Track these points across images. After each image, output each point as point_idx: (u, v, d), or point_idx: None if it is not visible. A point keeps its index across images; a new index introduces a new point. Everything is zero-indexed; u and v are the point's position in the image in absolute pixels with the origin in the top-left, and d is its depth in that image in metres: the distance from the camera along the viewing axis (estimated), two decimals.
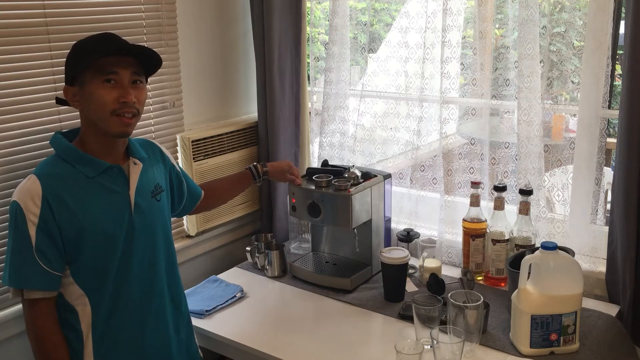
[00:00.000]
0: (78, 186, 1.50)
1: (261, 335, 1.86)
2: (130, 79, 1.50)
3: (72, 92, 1.52)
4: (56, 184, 1.47)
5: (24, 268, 1.46)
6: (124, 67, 1.49)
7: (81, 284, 1.52)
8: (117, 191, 1.55)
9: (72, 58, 1.53)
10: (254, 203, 2.60)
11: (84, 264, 1.51)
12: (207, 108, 2.44)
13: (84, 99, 1.50)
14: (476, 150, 2.21)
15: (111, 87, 1.48)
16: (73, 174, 1.50)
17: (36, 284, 1.47)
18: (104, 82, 1.47)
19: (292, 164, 2.11)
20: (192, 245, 2.38)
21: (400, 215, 2.39)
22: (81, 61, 1.48)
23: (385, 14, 2.49)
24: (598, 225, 2.05)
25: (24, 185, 1.47)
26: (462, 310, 1.67)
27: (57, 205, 1.46)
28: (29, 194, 1.44)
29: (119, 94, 1.48)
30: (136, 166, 1.60)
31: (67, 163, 1.51)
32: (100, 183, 1.53)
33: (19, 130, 1.80)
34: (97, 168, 1.52)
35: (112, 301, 1.56)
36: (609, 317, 1.86)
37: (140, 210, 1.59)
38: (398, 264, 1.99)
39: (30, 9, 1.79)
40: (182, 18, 2.24)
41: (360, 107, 2.41)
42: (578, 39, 1.97)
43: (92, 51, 1.47)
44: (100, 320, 1.55)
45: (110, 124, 1.50)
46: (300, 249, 2.42)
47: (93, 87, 1.47)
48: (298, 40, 2.43)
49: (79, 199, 1.49)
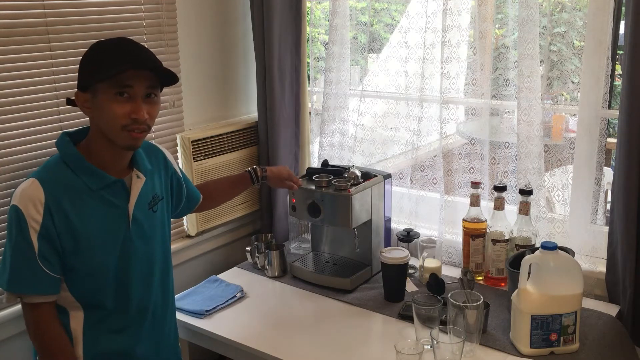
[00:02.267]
0: (79, 196, 1.46)
1: (261, 335, 1.86)
2: (145, 92, 1.46)
3: (84, 98, 1.47)
4: (58, 191, 1.44)
5: (26, 274, 1.43)
6: (140, 81, 1.44)
7: (74, 293, 1.50)
8: (117, 205, 1.53)
9: (87, 66, 1.47)
10: (253, 203, 2.60)
11: (78, 275, 1.49)
12: (207, 108, 2.44)
13: (95, 108, 1.46)
14: (476, 150, 2.21)
15: (124, 101, 1.43)
16: (75, 183, 1.47)
17: (38, 289, 1.44)
18: (116, 94, 1.43)
19: (291, 172, 2.05)
20: (192, 245, 2.38)
21: (400, 215, 2.39)
22: (97, 73, 1.43)
23: (386, 14, 2.48)
24: (598, 225, 2.05)
25: (26, 190, 1.43)
26: (462, 310, 1.67)
27: (57, 213, 1.42)
28: (31, 200, 1.41)
29: (131, 109, 1.44)
30: (139, 180, 1.57)
31: (71, 170, 1.47)
32: (101, 195, 1.50)
33: (18, 130, 1.80)
34: (101, 181, 1.49)
35: (106, 309, 1.54)
36: (609, 317, 1.86)
37: (138, 223, 1.56)
38: (398, 264, 1.99)
39: (30, 9, 1.79)
40: (182, 18, 2.24)
41: (360, 107, 2.41)
42: (578, 39, 1.97)
43: (109, 64, 1.42)
44: (92, 325, 1.53)
45: (119, 137, 1.46)
46: (300, 249, 2.42)
47: (105, 98, 1.43)
48: (298, 40, 2.43)
49: (78, 209, 1.46)
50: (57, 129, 1.88)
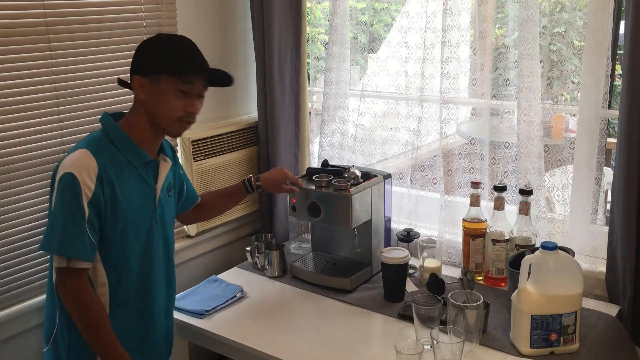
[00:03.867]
0: (121, 170, 1.57)
1: (261, 335, 1.86)
2: (201, 91, 1.62)
3: (142, 83, 1.57)
4: (108, 164, 1.54)
5: (75, 238, 1.49)
6: (200, 80, 1.60)
7: (106, 265, 1.57)
8: (149, 184, 1.64)
9: (157, 54, 1.58)
10: (253, 203, 2.60)
11: (112, 243, 1.57)
12: (207, 108, 2.40)
13: (153, 94, 1.57)
14: (476, 150, 2.21)
15: (183, 95, 1.57)
16: (119, 157, 1.57)
17: (85, 254, 1.51)
18: (180, 90, 1.56)
19: (286, 172, 2.02)
20: (192, 245, 2.38)
21: (400, 215, 2.39)
22: (171, 67, 1.55)
23: (385, 14, 2.49)
24: (598, 225, 2.05)
25: (79, 159, 1.51)
26: (462, 310, 1.67)
27: (107, 184, 1.52)
28: (85, 168, 1.49)
29: (187, 103, 1.58)
30: (166, 163, 1.70)
31: (115, 147, 1.57)
32: (139, 173, 1.61)
33: (18, 130, 1.80)
34: (142, 159, 1.61)
35: (130, 285, 1.63)
36: (609, 317, 1.86)
37: (161, 204, 1.68)
38: (398, 264, 1.99)
39: (30, 9, 1.79)
40: (182, 18, 2.24)
41: (360, 107, 2.41)
42: (578, 39, 1.98)
43: (188, 64, 1.57)
44: (117, 299, 1.61)
45: (172, 126, 1.61)
46: (300, 249, 2.42)
47: (167, 90, 1.55)
48: (298, 40, 2.43)
49: (121, 182, 1.56)
50: (57, 129, 1.88)
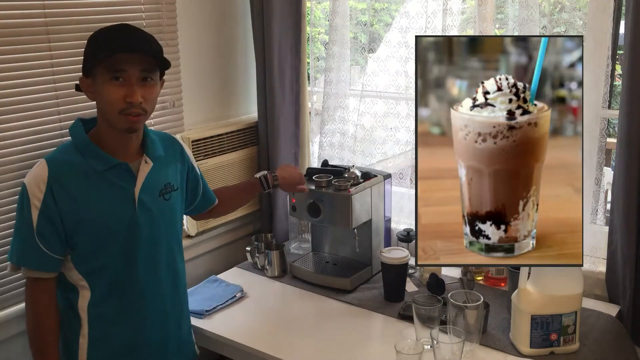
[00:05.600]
0: (85, 178, 1.53)
1: (261, 335, 1.86)
2: (140, 76, 1.49)
3: (87, 83, 1.53)
4: (63, 172, 1.51)
5: (24, 248, 1.51)
6: (133, 64, 1.47)
7: (81, 271, 1.56)
8: (123, 187, 1.58)
9: (87, 49, 1.52)
10: (254, 203, 2.59)
11: (83, 253, 1.55)
12: (207, 108, 2.44)
13: (97, 92, 1.51)
14: None
15: (119, 85, 1.47)
16: (82, 165, 1.53)
17: (34, 264, 1.52)
18: (112, 78, 1.47)
19: (302, 175, 2.05)
20: (192, 245, 2.37)
21: (400, 215, 2.39)
22: (92, 56, 1.48)
23: (385, 14, 2.48)
24: (598, 225, 2.05)
25: (34, 170, 1.52)
26: (462, 310, 1.67)
27: (59, 192, 1.49)
28: (36, 179, 1.49)
29: (126, 92, 1.47)
30: (146, 165, 1.62)
31: (80, 153, 1.54)
32: (107, 178, 1.55)
33: (18, 130, 1.80)
34: (105, 163, 1.55)
35: (112, 290, 1.59)
36: (609, 317, 1.86)
37: (145, 207, 1.60)
38: (398, 264, 1.99)
39: (30, 9, 1.79)
40: (182, 18, 2.23)
41: (360, 107, 2.41)
42: None
43: (102, 47, 1.47)
44: (97, 304, 1.58)
45: (118, 121, 1.51)
46: (300, 249, 2.42)
47: (102, 82, 1.48)
48: (298, 40, 2.42)
49: (83, 190, 1.52)
50: (57, 129, 1.88)
